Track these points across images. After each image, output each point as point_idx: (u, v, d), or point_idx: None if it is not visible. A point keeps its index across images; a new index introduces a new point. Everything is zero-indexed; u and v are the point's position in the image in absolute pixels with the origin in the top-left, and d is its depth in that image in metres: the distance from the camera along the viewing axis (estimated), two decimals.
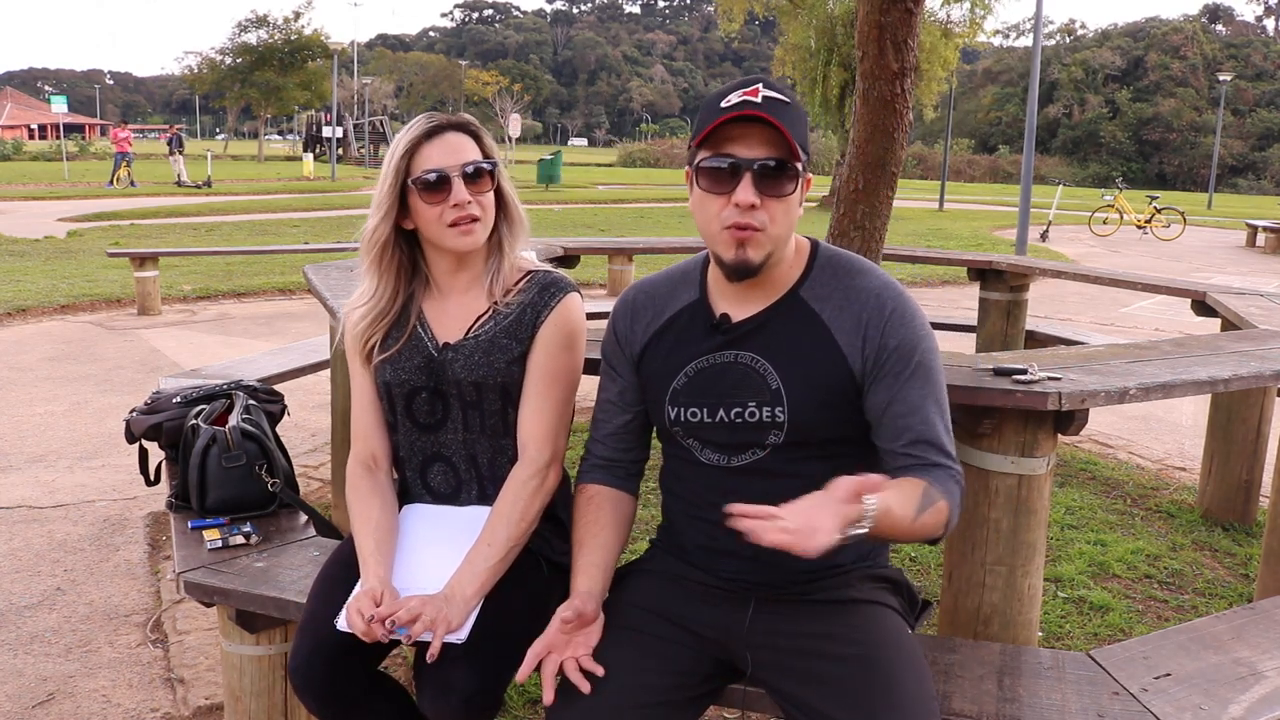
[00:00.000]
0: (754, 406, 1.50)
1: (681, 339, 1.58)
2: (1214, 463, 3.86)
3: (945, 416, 1.49)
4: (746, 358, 1.52)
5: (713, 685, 1.58)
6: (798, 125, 1.43)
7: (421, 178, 1.67)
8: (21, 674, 2.59)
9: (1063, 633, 2.88)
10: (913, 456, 1.46)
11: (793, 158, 1.41)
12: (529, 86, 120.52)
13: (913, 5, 4.00)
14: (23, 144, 45.55)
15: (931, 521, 1.38)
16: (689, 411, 1.55)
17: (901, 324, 1.47)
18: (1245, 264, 14.89)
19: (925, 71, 20.27)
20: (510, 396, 1.75)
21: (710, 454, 1.56)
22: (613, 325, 1.67)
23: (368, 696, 1.67)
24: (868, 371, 1.47)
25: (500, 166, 1.76)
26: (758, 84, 1.43)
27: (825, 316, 1.50)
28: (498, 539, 1.65)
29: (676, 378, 1.56)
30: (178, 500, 2.29)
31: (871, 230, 4.27)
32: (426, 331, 1.77)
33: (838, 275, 1.53)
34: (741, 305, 1.54)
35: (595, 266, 9.10)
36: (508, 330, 1.74)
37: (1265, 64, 78.04)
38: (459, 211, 1.67)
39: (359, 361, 1.81)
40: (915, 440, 1.46)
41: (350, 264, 3.89)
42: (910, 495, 1.36)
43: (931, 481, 1.42)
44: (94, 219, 15.86)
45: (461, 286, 1.78)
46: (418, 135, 1.70)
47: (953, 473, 1.46)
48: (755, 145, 1.40)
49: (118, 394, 5.44)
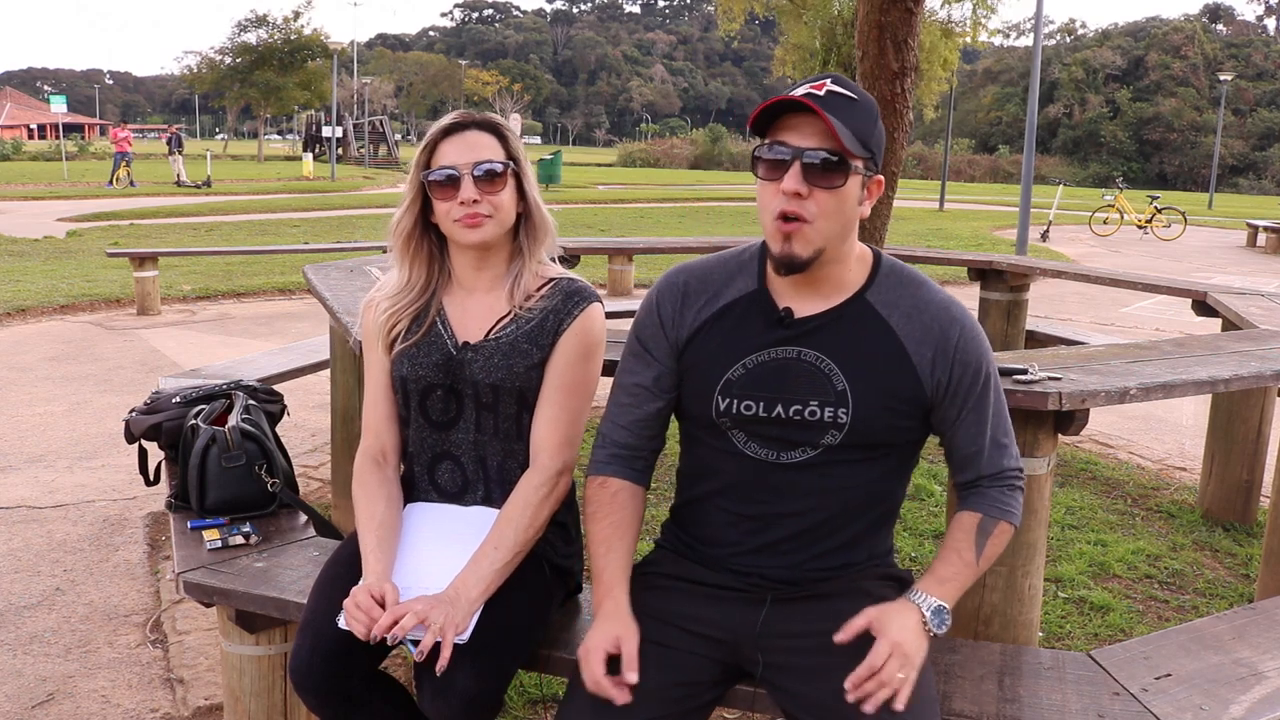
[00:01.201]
0: (815, 405, 1.49)
1: (738, 328, 1.55)
2: (1214, 463, 3.85)
3: (1006, 419, 1.59)
4: (811, 356, 1.51)
5: (720, 690, 1.58)
6: (859, 122, 1.42)
7: (434, 174, 1.69)
8: (21, 674, 2.58)
9: (1063, 633, 2.87)
10: (972, 475, 1.57)
11: (846, 153, 1.40)
12: (529, 86, 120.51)
13: (913, 5, 4.01)
14: (22, 144, 45.52)
15: (994, 548, 1.55)
16: (743, 404, 1.52)
17: (973, 341, 1.52)
18: (1246, 264, 14.89)
19: (926, 71, 20.28)
20: (526, 401, 1.75)
21: (757, 448, 1.54)
22: (656, 307, 1.60)
23: (368, 696, 1.67)
24: (940, 387, 1.51)
25: (523, 168, 1.75)
26: (827, 79, 1.44)
27: (894, 323, 1.51)
28: (505, 543, 1.64)
29: (733, 368, 1.53)
30: (177, 500, 2.29)
31: (871, 230, 4.28)
32: (446, 328, 1.78)
33: (904, 284, 1.54)
34: (805, 302, 1.53)
35: (595, 266, 9.11)
36: (529, 335, 1.74)
37: (1266, 64, 78.05)
38: (465, 209, 1.68)
39: (380, 350, 1.80)
40: (979, 450, 1.55)
41: (350, 264, 3.89)
42: (963, 545, 1.53)
43: (986, 510, 1.54)
44: (93, 219, 15.85)
45: (484, 286, 1.78)
46: (437, 132, 1.72)
47: (1007, 477, 1.57)
48: (809, 136, 1.41)
49: (117, 394, 5.43)
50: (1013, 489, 1.57)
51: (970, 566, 1.52)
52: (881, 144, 1.48)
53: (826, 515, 1.54)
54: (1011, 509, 1.56)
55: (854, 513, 1.55)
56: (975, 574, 1.53)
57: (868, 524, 1.57)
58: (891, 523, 1.63)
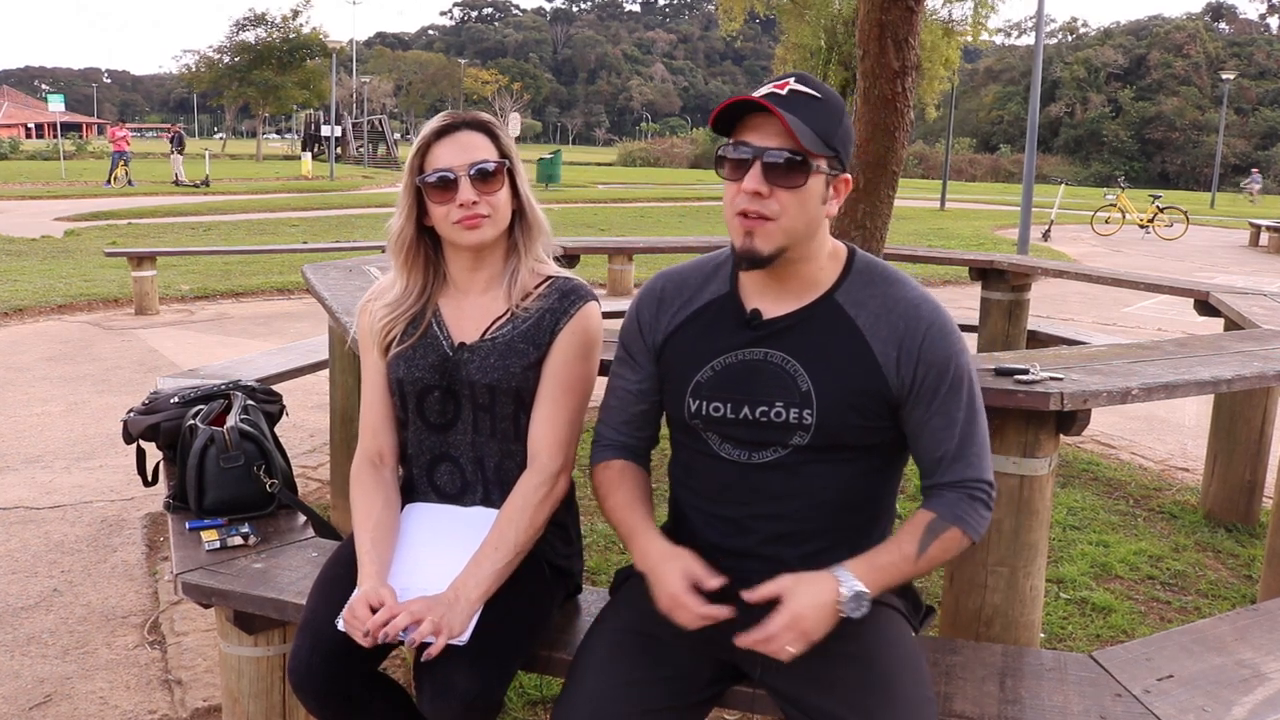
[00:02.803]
0: (781, 407, 1.50)
1: (708, 331, 1.57)
2: (1217, 463, 3.85)
3: (979, 426, 1.52)
4: (777, 357, 1.51)
5: (718, 688, 1.58)
6: (822, 120, 1.42)
7: (428, 177, 1.68)
8: (19, 676, 2.57)
9: (1065, 634, 2.87)
10: (933, 481, 1.52)
11: (806, 152, 1.41)
12: (529, 85, 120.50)
13: (914, 4, 4.00)
14: (20, 143, 45.48)
15: (940, 551, 1.48)
16: (711, 406, 1.54)
17: (940, 339, 1.48)
18: (1248, 263, 14.88)
19: (928, 70, 20.25)
20: (523, 401, 1.74)
21: (731, 449, 1.55)
22: (636, 313, 1.64)
23: (367, 697, 1.67)
24: (905, 386, 1.48)
25: (516, 166, 1.74)
26: (791, 78, 1.44)
27: (861, 323, 1.50)
28: (505, 543, 1.64)
29: (701, 371, 1.55)
30: (175, 501, 2.28)
31: (872, 230, 4.26)
32: (442, 330, 1.77)
33: (875, 283, 1.52)
34: (774, 303, 1.53)
35: (595, 266, 9.09)
36: (525, 335, 1.73)
37: (1268, 62, 78.02)
38: (465, 211, 1.67)
39: (375, 354, 1.79)
40: (942, 456, 1.50)
41: (349, 264, 3.88)
42: (908, 538, 1.47)
43: (941, 511, 1.49)
44: (91, 218, 15.83)
45: (479, 287, 1.77)
46: (429, 134, 1.71)
47: (970, 486, 1.50)
48: (770, 136, 1.42)
49: (115, 394, 5.43)
50: (974, 499, 1.49)
51: (909, 561, 1.46)
52: (848, 142, 1.48)
53: (801, 517, 1.52)
54: (967, 517, 1.49)
55: (830, 514, 1.53)
56: (913, 571, 1.47)
57: (850, 527, 1.54)
58: (882, 527, 1.60)
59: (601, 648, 1.55)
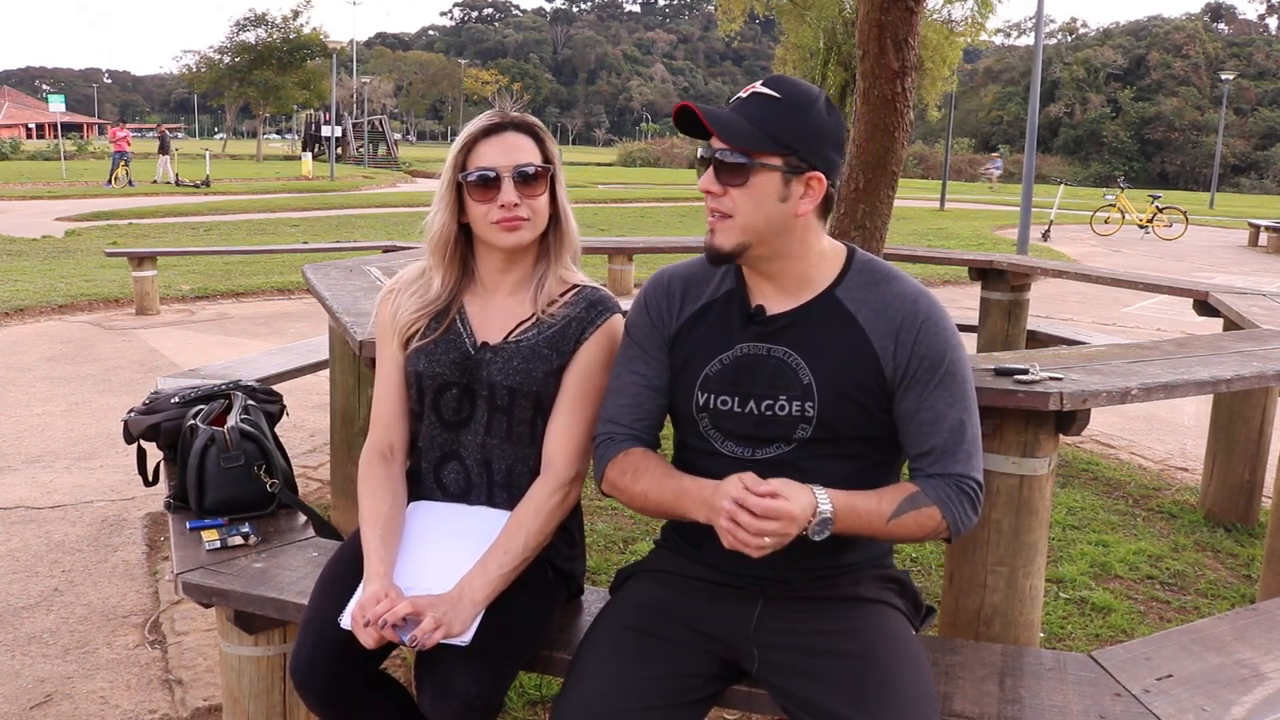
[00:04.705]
0: (784, 400, 1.52)
1: (716, 325, 1.60)
2: (1216, 463, 3.85)
3: (971, 425, 1.52)
4: (780, 352, 1.54)
5: (717, 686, 1.58)
6: (772, 120, 1.45)
7: (471, 175, 1.67)
8: (19, 675, 2.58)
9: (1064, 634, 2.87)
10: (920, 467, 1.52)
11: (747, 151, 1.45)
12: (529, 85, 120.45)
13: (913, 4, 4.00)
14: (20, 143, 45.42)
15: (914, 524, 1.46)
16: (719, 399, 1.56)
17: (934, 332, 1.50)
18: (1248, 264, 14.89)
19: (930, 71, 20.24)
20: (542, 407, 1.74)
21: (733, 446, 1.56)
22: (645, 304, 1.65)
23: (368, 696, 1.67)
24: (898, 377, 1.50)
25: (558, 172, 1.74)
26: (760, 81, 1.49)
27: (861, 318, 1.53)
28: (514, 547, 1.63)
29: (711, 363, 1.58)
30: (176, 501, 2.28)
31: (872, 230, 4.26)
32: (466, 327, 1.76)
33: (874, 280, 1.55)
34: (777, 299, 1.56)
35: (595, 266, 9.08)
36: (550, 341, 1.73)
37: (1268, 63, 78.02)
38: (505, 212, 1.67)
39: (394, 346, 1.78)
40: (931, 449, 1.50)
41: (350, 264, 3.89)
42: (889, 497, 1.46)
43: (926, 489, 1.48)
44: (92, 218, 15.84)
45: (507, 288, 1.77)
46: (475, 132, 1.70)
47: (959, 480, 1.49)
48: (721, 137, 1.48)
49: (116, 394, 5.43)
50: (962, 492, 1.48)
51: (880, 518, 1.44)
52: (813, 138, 1.47)
53: None
54: (951, 505, 1.47)
55: None
56: (881, 531, 1.46)
57: None
58: None
59: (601, 646, 1.56)
